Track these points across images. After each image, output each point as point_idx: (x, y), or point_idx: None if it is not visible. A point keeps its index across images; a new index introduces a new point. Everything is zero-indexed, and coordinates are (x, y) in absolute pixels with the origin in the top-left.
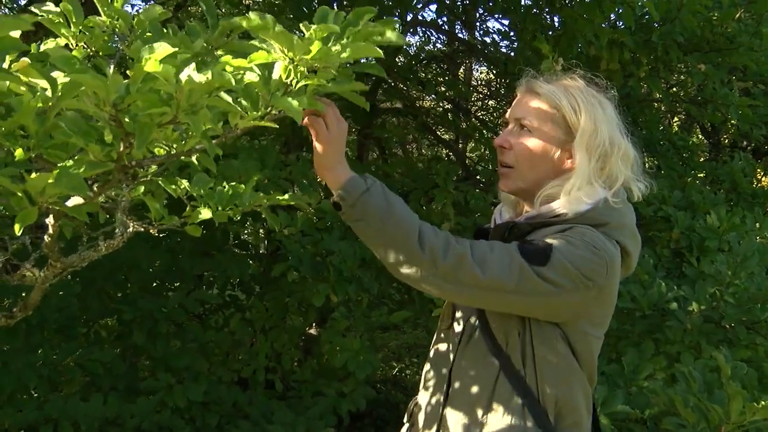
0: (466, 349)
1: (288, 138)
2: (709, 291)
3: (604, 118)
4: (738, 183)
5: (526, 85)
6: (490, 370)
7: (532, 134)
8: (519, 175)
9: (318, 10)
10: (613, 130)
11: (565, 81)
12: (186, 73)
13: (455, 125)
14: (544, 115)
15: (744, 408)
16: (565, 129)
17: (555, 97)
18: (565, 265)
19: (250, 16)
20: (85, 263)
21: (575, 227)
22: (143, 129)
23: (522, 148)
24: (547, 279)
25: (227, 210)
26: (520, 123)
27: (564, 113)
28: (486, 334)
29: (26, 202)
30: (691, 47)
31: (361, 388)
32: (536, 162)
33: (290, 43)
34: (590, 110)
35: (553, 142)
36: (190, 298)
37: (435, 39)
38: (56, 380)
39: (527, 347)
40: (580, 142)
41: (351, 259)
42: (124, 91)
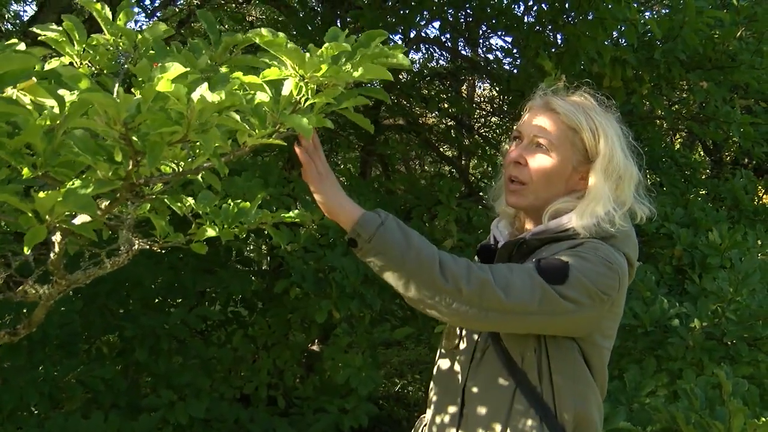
0: (479, 367)
1: (291, 154)
2: (711, 308)
3: (618, 141)
4: (740, 200)
5: (541, 100)
6: (505, 387)
7: (550, 153)
8: (532, 193)
9: (329, 30)
10: (624, 153)
11: (580, 100)
12: (198, 93)
13: (458, 142)
14: (564, 135)
15: (745, 425)
16: (582, 151)
17: (575, 118)
18: (583, 282)
19: (262, 32)
20: (89, 280)
21: (586, 242)
22: (154, 147)
23: (539, 166)
24: (567, 297)
25: (233, 228)
26: (537, 140)
27: (583, 136)
28: (499, 351)
29: (34, 221)
30: (693, 65)
31: (364, 405)
32: (552, 181)
33: (302, 60)
34: (608, 134)
35: (568, 163)
36: (192, 314)
37: (438, 56)
38: (57, 397)
39: (543, 363)
40: (599, 166)
41: (353, 275)
42: (135, 110)
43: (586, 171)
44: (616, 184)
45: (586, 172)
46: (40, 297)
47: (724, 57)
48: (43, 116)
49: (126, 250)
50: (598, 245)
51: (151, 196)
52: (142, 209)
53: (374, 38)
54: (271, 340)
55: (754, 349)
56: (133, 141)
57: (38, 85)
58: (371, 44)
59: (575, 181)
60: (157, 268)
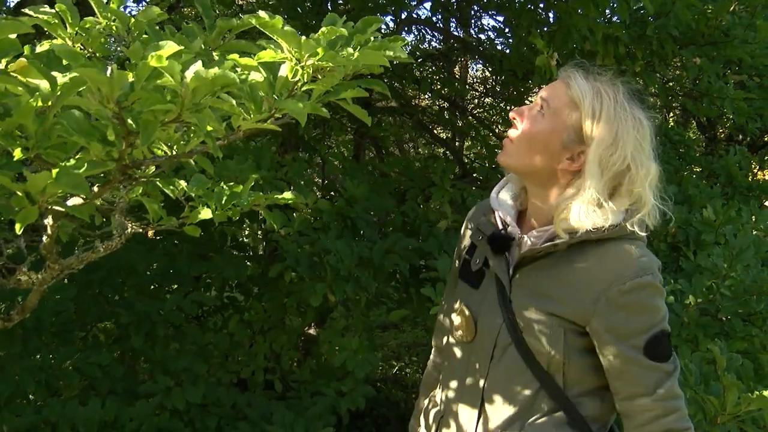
0: (500, 365)
1: (284, 138)
2: (706, 284)
3: (632, 137)
4: (733, 177)
5: (566, 71)
6: (529, 387)
7: (544, 119)
8: (515, 154)
9: (327, 16)
10: (639, 152)
11: (602, 85)
12: (192, 70)
13: (451, 123)
14: (562, 106)
15: (739, 399)
16: (577, 130)
17: (580, 94)
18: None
19: (260, 15)
20: (82, 265)
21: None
22: (147, 126)
23: (527, 128)
24: (678, 366)
25: (227, 210)
26: (540, 104)
27: (582, 113)
28: (523, 351)
29: (26, 202)
30: (686, 41)
31: (361, 387)
32: (533, 146)
33: (298, 43)
34: (613, 122)
35: (558, 135)
36: (188, 300)
37: (430, 37)
38: (54, 384)
39: (570, 371)
40: (594, 151)
41: (348, 258)
42: (128, 88)
43: (576, 152)
44: (618, 180)
45: (576, 153)
46: (33, 283)
47: (717, 32)
48: (34, 97)
49: (119, 234)
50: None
51: (144, 179)
52: (135, 193)
53: (371, 24)
54: (267, 325)
55: (748, 324)
56: (127, 122)
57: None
58: (368, 30)
59: (561, 158)
60: (151, 254)
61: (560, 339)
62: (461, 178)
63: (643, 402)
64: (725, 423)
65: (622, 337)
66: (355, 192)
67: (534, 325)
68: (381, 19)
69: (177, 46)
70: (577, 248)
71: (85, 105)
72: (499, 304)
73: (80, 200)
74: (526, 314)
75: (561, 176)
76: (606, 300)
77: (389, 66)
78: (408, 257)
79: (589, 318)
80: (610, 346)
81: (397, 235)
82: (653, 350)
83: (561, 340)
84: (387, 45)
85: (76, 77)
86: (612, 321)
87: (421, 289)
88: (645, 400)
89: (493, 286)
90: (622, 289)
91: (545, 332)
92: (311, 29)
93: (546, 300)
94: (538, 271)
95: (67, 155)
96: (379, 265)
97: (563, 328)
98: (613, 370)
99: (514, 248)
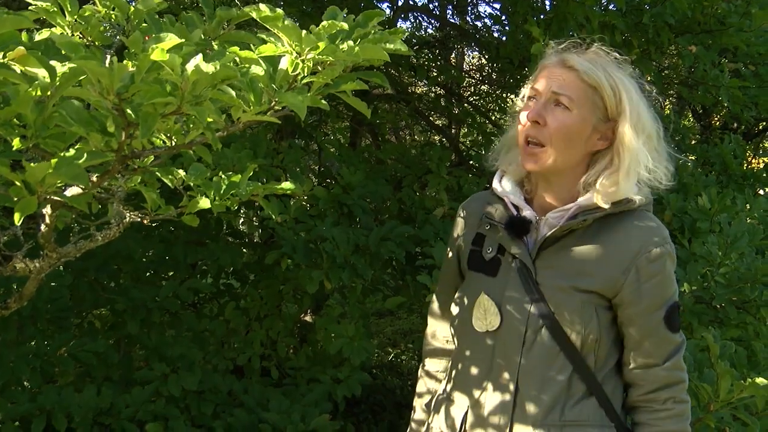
0: (533, 348)
1: (281, 125)
2: (701, 272)
3: (640, 98)
4: (728, 165)
5: (556, 57)
6: (563, 371)
7: (571, 111)
8: (552, 155)
9: (328, 10)
10: (649, 109)
11: (596, 57)
12: (193, 63)
13: (448, 111)
14: (584, 93)
15: (732, 386)
16: (602, 110)
17: (595, 75)
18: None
19: (260, 7)
20: (80, 253)
21: (654, 235)
22: (147, 118)
23: (560, 126)
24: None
25: (225, 200)
26: (556, 98)
27: (603, 94)
28: (556, 333)
29: (25, 192)
30: (682, 29)
31: (357, 374)
32: (573, 142)
33: (299, 37)
34: (630, 91)
35: (589, 122)
36: (183, 287)
37: (426, 24)
38: (49, 372)
39: (601, 350)
40: (629, 124)
41: (344, 245)
42: (128, 80)
43: (606, 130)
44: (648, 142)
45: (606, 131)
46: (30, 271)
47: (713, 20)
48: (33, 86)
49: (117, 222)
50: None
51: (142, 168)
52: (133, 182)
53: (372, 18)
54: (263, 312)
55: (742, 312)
56: (127, 114)
57: (29, 55)
58: (369, 24)
59: (594, 141)
60: (147, 241)
61: (593, 317)
62: (457, 165)
63: (655, 371)
64: (718, 410)
65: (648, 308)
66: (351, 179)
67: (565, 305)
68: (382, 12)
69: (178, 39)
70: (599, 223)
71: (84, 95)
72: (525, 289)
73: (79, 190)
74: (556, 295)
75: (589, 157)
76: (636, 269)
77: (389, 60)
78: (404, 244)
79: (619, 288)
80: (635, 317)
81: (393, 222)
82: (671, 321)
83: (594, 317)
84: (387, 38)
85: (75, 67)
86: (641, 291)
87: (417, 277)
88: (657, 369)
89: (513, 271)
90: (649, 257)
91: (578, 311)
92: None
93: (575, 277)
94: (562, 250)
95: (66, 145)
96: (375, 252)
97: (594, 305)
98: (632, 340)
99: (531, 232)
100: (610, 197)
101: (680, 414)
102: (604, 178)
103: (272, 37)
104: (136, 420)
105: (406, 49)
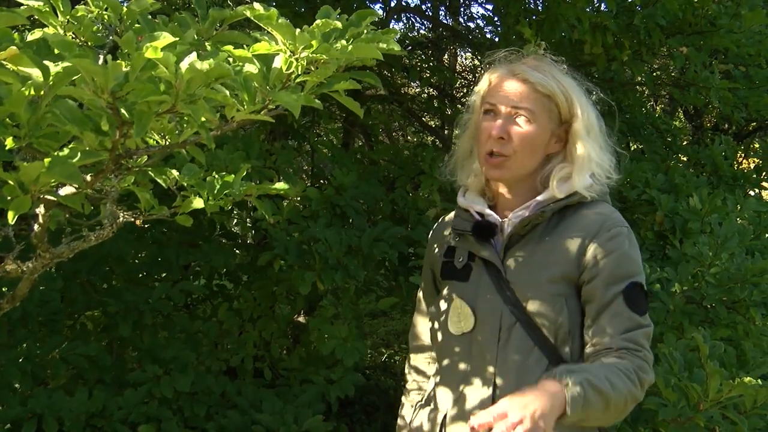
0: (508, 346)
1: (273, 126)
2: (692, 272)
3: (587, 100)
4: (719, 166)
5: (506, 69)
6: (539, 366)
7: (531, 124)
8: (517, 164)
9: (321, 9)
10: (593, 109)
11: (541, 64)
12: (187, 61)
13: (441, 111)
14: (541, 104)
15: (721, 386)
16: (557, 116)
17: (548, 85)
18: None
19: (254, 6)
20: (73, 254)
21: (610, 218)
22: (141, 117)
23: (523, 137)
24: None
25: (218, 200)
26: (516, 112)
27: (557, 101)
28: (529, 329)
29: (18, 191)
30: (673, 30)
31: (350, 375)
32: (535, 150)
33: (293, 36)
34: (576, 93)
35: (547, 129)
36: (176, 289)
37: (419, 25)
38: (40, 375)
39: (575, 340)
40: (581, 126)
41: (337, 246)
42: (123, 78)
43: (561, 132)
44: (595, 138)
45: (560, 133)
46: (23, 272)
47: (704, 21)
48: (27, 86)
49: (110, 222)
50: (623, 228)
51: (135, 168)
52: (126, 182)
53: (365, 17)
54: (256, 313)
55: (732, 312)
56: (121, 113)
57: (22, 54)
58: (362, 23)
59: (551, 144)
60: (140, 242)
61: (563, 307)
62: None
63: (606, 340)
64: (708, 409)
65: (605, 282)
66: (344, 180)
67: (536, 298)
68: (375, 12)
69: (172, 38)
70: (558, 216)
71: (78, 95)
72: (496, 288)
73: (73, 190)
74: (527, 290)
75: (547, 159)
76: (594, 247)
77: (382, 58)
78: (397, 246)
79: (582, 269)
80: (593, 291)
81: (386, 223)
82: (631, 299)
83: (564, 308)
84: (380, 37)
85: (69, 67)
86: (598, 266)
87: (410, 278)
88: (608, 339)
89: (484, 274)
90: (607, 235)
91: (548, 303)
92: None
93: (542, 269)
94: (527, 246)
95: (59, 144)
96: (368, 253)
97: (563, 296)
98: (590, 317)
99: (497, 234)
100: (564, 190)
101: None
102: (560, 174)
103: (266, 36)
104: (129, 422)
105: (399, 49)
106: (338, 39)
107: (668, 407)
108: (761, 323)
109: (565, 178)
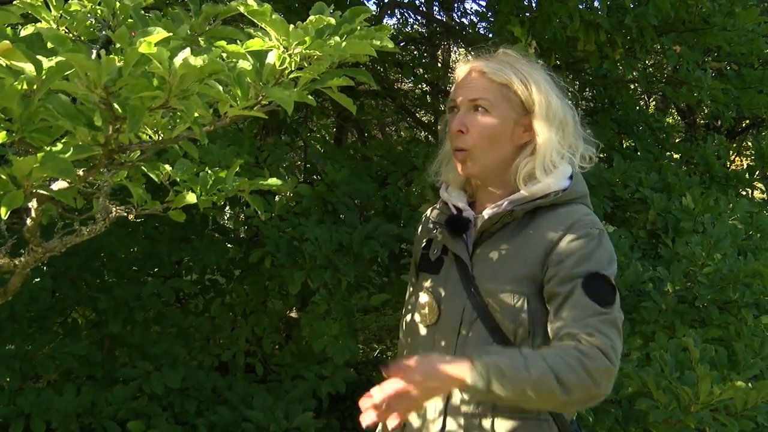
0: (467, 342)
1: (266, 122)
2: (684, 271)
3: (549, 88)
4: (711, 166)
5: (465, 67)
6: None
7: (490, 114)
8: (480, 157)
9: (315, 5)
10: (560, 97)
11: (503, 56)
12: (180, 57)
13: (434, 107)
14: (498, 93)
15: (712, 388)
16: (519, 104)
17: (503, 73)
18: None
19: (248, 2)
20: (65, 248)
21: (580, 220)
22: (135, 112)
23: (481, 129)
24: (620, 315)
25: (211, 195)
26: (473, 104)
27: (515, 89)
28: (489, 326)
29: (11, 185)
30: (666, 28)
31: (342, 371)
32: (497, 141)
33: (286, 32)
34: (539, 81)
35: (509, 119)
36: (167, 285)
37: (412, 21)
38: (29, 373)
39: (536, 340)
40: (539, 115)
41: (326, 245)
42: (116, 73)
43: (528, 123)
44: (562, 129)
45: (528, 124)
46: (15, 266)
47: (698, 19)
48: (19, 80)
49: (103, 217)
50: (593, 227)
51: (128, 163)
52: (119, 176)
53: (359, 14)
54: (249, 308)
55: (724, 312)
56: (114, 108)
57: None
58: (356, 20)
59: (519, 134)
60: (131, 238)
61: (524, 308)
62: None
63: (559, 325)
64: (698, 411)
65: (563, 279)
66: (336, 176)
67: (498, 296)
68: (369, 9)
69: (165, 33)
70: (530, 216)
71: (71, 89)
72: (462, 284)
73: (66, 184)
74: (490, 286)
75: (518, 150)
76: (559, 248)
77: (376, 55)
78: (388, 244)
79: (545, 269)
80: (553, 290)
81: (377, 221)
82: (589, 287)
83: (525, 309)
84: (373, 34)
85: (62, 61)
86: (561, 266)
87: (401, 275)
88: (560, 323)
89: (453, 268)
90: (573, 236)
91: (509, 302)
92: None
93: (507, 268)
94: (496, 244)
95: (52, 139)
96: (358, 251)
97: (525, 296)
98: (552, 313)
99: (471, 230)
100: (537, 189)
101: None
102: (525, 170)
103: (259, 32)
104: (118, 419)
105: (392, 46)
106: (332, 35)
107: (659, 409)
108: (753, 324)
109: (532, 175)
